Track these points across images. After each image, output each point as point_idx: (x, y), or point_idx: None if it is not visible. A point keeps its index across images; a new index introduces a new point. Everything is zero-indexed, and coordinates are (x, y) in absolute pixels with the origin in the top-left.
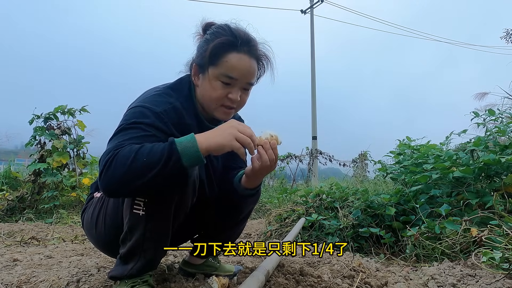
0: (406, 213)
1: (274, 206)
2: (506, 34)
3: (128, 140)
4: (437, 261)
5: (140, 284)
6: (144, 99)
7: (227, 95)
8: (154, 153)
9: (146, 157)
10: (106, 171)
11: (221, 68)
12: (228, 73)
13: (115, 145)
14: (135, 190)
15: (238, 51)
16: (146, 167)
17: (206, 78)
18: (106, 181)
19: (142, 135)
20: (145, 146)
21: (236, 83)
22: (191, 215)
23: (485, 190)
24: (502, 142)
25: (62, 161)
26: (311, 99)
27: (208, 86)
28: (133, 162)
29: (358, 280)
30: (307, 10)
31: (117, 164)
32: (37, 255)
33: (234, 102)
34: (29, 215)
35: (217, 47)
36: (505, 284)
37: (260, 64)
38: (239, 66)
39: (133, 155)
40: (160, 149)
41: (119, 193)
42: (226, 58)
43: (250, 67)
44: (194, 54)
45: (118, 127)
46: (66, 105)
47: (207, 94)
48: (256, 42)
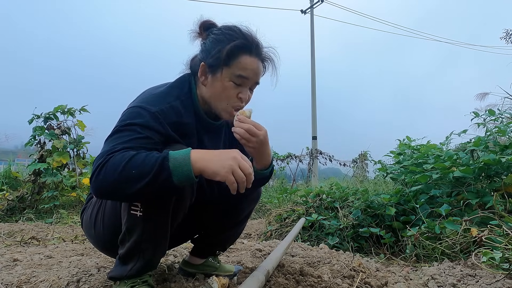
0: (406, 213)
1: (274, 206)
2: (506, 35)
3: (121, 144)
4: (437, 261)
5: (139, 284)
6: (141, 99)
7: (238, 95)
8: (145, 166)
9: (136, 169)
10: (97, 175)
11: (235, 69)
12: (241, 73)
13: (108, 150)
14: (124, 198)
15: (250, 54)
16: (135, 178)
17: (218, 78)
18: (96, 186)
19: (135, 137)
20: (138, 156)
21: (247, 83)
22: (190, 215)
23: (485, 190)
24: (502, 142)
25: (62, 161)
26: (311, 99)
27: (220, 86)
28: (123, 172)
29: (358, 280)
30: (307, 10)
31: (107, 171)
32: (37, 255)
33: (243, 101)
34: (29, 215)
35: (233, 49)
36: (505, 284)
37: (264, 66)
38: (251, 67)
39: (123, 164)
40: (152, 162)
41: (109, 198)
42: (239, 60)
43: (259, 68)
44: (199, 53)
45: (113, 128)
46: (66, 105)
47: (218, 94)
48: (262, 45)
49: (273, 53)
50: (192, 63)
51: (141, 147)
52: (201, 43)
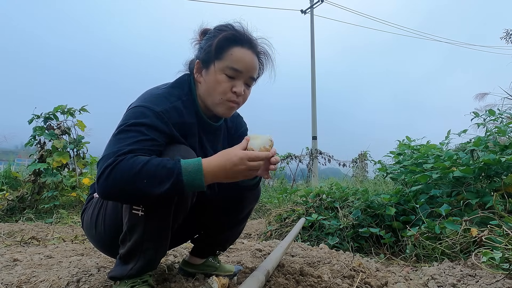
0: (406, 213)
1: (274, 206)
2: (506, 35)
3: (128, 146)
4: (437, 261)
5: (140, 284)
6: (144, 98)
7: (232, 89)
8: (157, 176)
9: (147, 179)
10: (106, 178)
11: (226, 61)
12: (233, 65)
13: (115, 151)
14: (130, 202)
15: (242, 46)
16: (146, 188)
17: (211, 72)
18: (103, 189)
19: (141, 139)
20: (149, 165)
21: (240, 76)
22: (191, 215)
23: (485, 190)
24: (502, 142)
25: (62, 161)
26: (311, 99)
27: (213, 79)
28: (134, 180)
29: (358, 280)
30: (307, 10)
31: (117, 177)
32: (37, 255)
33: (239, 95)
34: (29, 215)
35: (222, 41)
36: (505, 284)
37: (260, 61)
38: (243, 59)
39: (134, 172)
40: (165, 174)
41: (114, 201)
42: (231, 51)
43: (253, 61)
44: (195, 54)
45: (117, 127)
46: (66, 105)
47: (212, 87)
48: (257, 40)
49: (267, 45)
50: (190, 64)
51: (147, 150)
52: (198, 45)
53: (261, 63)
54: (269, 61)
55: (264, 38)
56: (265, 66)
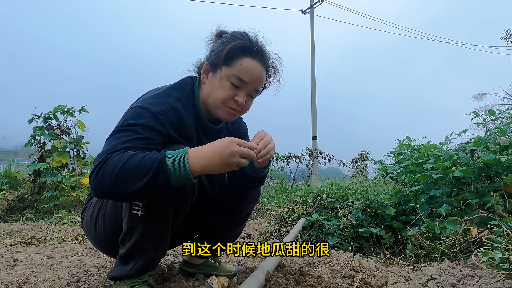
0: (406, 213)
1: (274, 206)
2: (505, 35)
3: (122, 144)
4: (437, 261)
5: (139, 284)
6: (143, 99)
7: (234, 97)
8: (142, 167)
9: (133, 170)
10: (96, 175)
11: (234, 70)
12: (240, 75)
13: (108, 149)
14: (123, 198)
15: (253, 57)
16: (132, 180)
17: (217, 76)
18: (94, 186)
19: (135, 137)
20: (135, 157)
21: (245, 87)
22: (191, 215)
23: (485, 190)
24: (502, 142)
25: (62, 161)
26: (311, 99)
27: (217, 84)
28: (120, 173)
29: (358, 280)
30: (307, 10)
31: (105, 171)
32: (37, 255)
33: (239, 105)
34: (29, 215)
35: (234, 49)
36: (505, 284)
37: (268, 75)
38: (251, 71)
39: (121, 164)
40: (149, 164)
41: (108, 197)
42: (240, 61)
43: (260, 75)
44: (206, 55)
45: (114, 128)
46: (66, 105)
47: (215, 92)
48: (268, 53)
49: (278, 61)
50: (200, 65)
51: (141, 148)
52: (211, 46)
53: (268, 77)
54: (277, 77)
55: (276, 54)
56: (272, 80)
